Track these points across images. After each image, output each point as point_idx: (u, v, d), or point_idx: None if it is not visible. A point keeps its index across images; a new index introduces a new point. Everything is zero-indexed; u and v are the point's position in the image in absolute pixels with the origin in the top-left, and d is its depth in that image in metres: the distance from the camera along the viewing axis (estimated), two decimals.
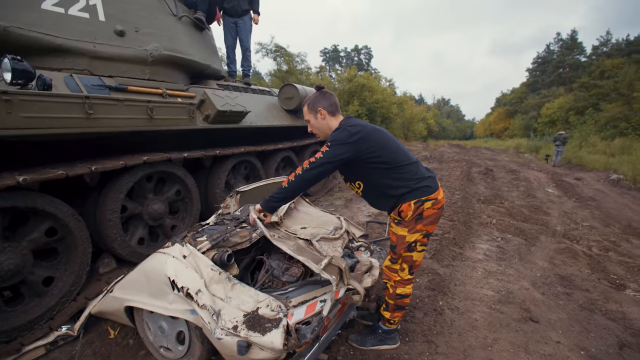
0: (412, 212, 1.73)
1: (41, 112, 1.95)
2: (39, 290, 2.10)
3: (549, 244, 3.92)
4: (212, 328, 1.56)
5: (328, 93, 1.90)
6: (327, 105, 1.85)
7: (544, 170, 10.97)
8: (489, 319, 2.30)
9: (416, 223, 1.75)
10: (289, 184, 1.73)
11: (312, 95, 1.91)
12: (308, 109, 1.90)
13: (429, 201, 1.73)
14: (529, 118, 32.84)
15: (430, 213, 1.75)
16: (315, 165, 1.68)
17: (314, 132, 1.95)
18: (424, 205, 1.73)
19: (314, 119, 1.88)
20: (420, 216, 1.74)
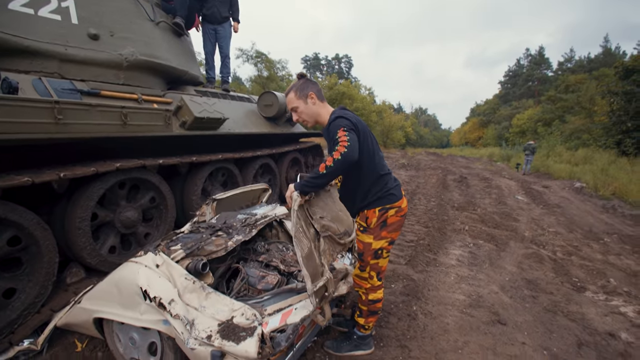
0: (376, 219, 1.80)
1: (6, 116, 1.88)
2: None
3: (518, 249, 4.10)
4: (185, 338, 1.54)
5: (313, 80, 1.89)
6: (317, 90, 1.85)
7: (514, 178, 11.48)
8: (460, 322, 2.38)
9: (381, 230, 1.81)
10: (327, 169, 1.60)
11: (297, 83, 1.87)
12: (296, 95, 1.84)
13: (392, 209, 1.80)
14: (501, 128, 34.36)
15: (393, 220, 1.82)
16: (350, 144, 1.59)
17: (302, 118, 1.89)
18: (388, 213, 1.79)
19: (304, 104, 1.84)
20: (385, 223, 1.80)
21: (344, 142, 1.60)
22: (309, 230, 1.75)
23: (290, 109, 1.91)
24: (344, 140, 1.61)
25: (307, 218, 1.76)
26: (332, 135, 1.70)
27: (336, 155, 1.59)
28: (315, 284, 1.62)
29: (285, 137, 5.22)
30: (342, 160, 1.58)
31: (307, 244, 1.67)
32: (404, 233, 4.43)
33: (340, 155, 1.59)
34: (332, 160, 1.59)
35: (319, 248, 1.77)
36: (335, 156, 1.59)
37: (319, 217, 1.82)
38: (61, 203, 2.43)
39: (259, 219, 2.49)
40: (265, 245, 2.41)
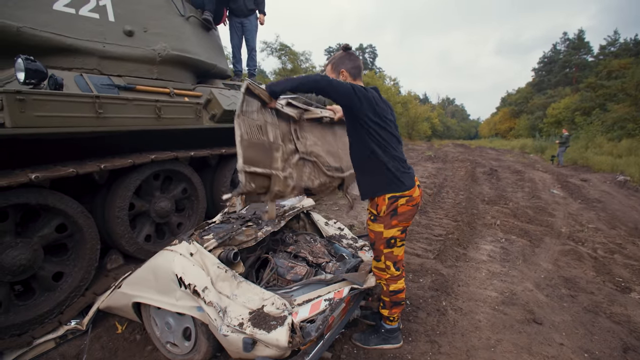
0: (386, 207, 1.78)
1: (53, 111, 1.99)
2: (49, 285, 2.14)
3: (554, 245, 3.91)
4: (218, 325, 1.59)
5: (354, 55, 1.88)
6: (351, 67, 1.85)
7: (549, 171, 10.91)
8: (492, 320, 2.31)
9: (391, 219, 1.80)
10: (295, 77, 1.67)
11: (338, 55, 1.89)
12: (332, 68, 1.88)
13: (403, 197, 1.77)
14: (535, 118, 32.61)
15: (404, 210, 1.79)
16: (323, 78, 1.64)
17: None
18: (398, 202, 1.77)
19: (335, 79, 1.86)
20: (395, 212, 1.79)
21: (321, 76, 1.63)
22: (286, 145, 1.90)
23: None
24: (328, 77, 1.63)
25: (289, 134, 1.94)
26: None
27: (313, 75, 1.65)
28: (249, 166, 1.66)
29: None
30: (309, 76, 1.63)
31: (266, 140, 1.76)
32: (432, 227, 4.34)
33: (315, 77, 1.62)
34: (307, 75, 1.65)
35: (289, 156, 1.89)
36: (312, 75, 1.65)
37: (307, 142, 1.98)
38: (101, 193, 2.56)
39: (287, 210, 2.52)
40: (293, 236, 2.44)
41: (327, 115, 2.29)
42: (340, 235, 2.69)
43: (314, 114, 2.22)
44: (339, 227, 2.83)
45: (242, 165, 1.63)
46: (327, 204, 5.32)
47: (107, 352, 2.02)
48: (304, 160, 2.02)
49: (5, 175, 1.84)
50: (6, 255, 1.90)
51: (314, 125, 2.24)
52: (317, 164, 2.05)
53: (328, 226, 2.79)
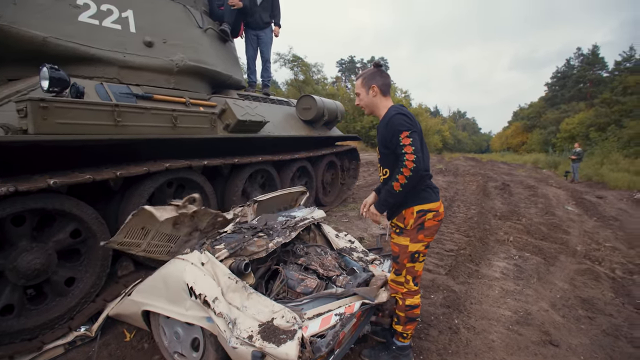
0: (413, 221, 1.79)
1: (73, 118, 2.05)
2: (61, 290, 2.16)
3: (569, 264, 3.79)
4: (227, 336, 1.57)
5: (385, 72, 1.92)
6: (381, 84, 1.87)
7: (563, 186, 10.68)
8: (506, 340, 2.24)
9: (417, 233, 1.81)
10: (402, 187, 1.68)
11: (369, 71, 1.92)
12: (362, 83, 1.91)
13: (430, 212, 1.80)
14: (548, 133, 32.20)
15: (431, 224, 1.81)
16: (416, 154, 1.65)
17: (361, 105, 1.97)
18: (426, 216, 1.79)
19: (365, 94, 1.90)
20: (422, 226, 1.80)
21: (410, 156, 1.65)
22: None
23: (355, 93, 1.98)
24: (410, 152, 1.66)
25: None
26: (392, 134, 1.73)
27: (406, 172, 1.66)
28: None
29: (322, 141, 5.24)
30: (413, 175, 1.65)
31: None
32: (443, 241, 4.27)
33: (410, 171, 1.65)
34: (404, 177, 1.66)
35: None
36: (405, 173, 1.66)
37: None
38: (115, 199, 2.59)
39: (298, 221, 2.51)
40: (304, 248, 2.42)
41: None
42: (351, 248, 2.66)
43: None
44: (350, 240, 2.80)
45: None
46: (336, 216, 5.29)
47: (114, 359, 2.01)
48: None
49: (25, 180, 1.88)
50: (21, 259, 1.93)
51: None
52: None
53: (339, 238, 2.76)
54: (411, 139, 1.67)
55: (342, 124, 21.33)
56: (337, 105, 5.30)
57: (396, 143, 1.71)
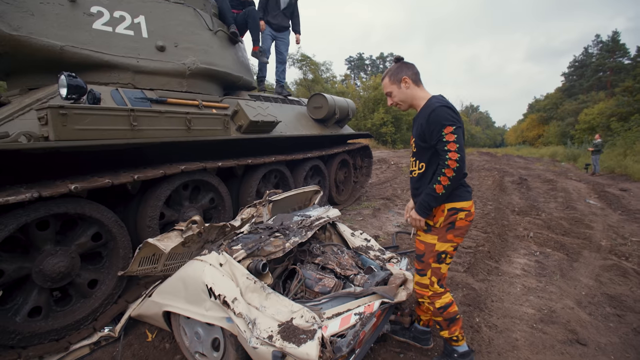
0: (443, 219, 1.72)
1: (91, 124, 2.09)
2: (84, 291, 2.21)
3: (594, 260, 3.66)
4: (247, 337, 1.57)
5: (409, 63, 1.85)
6: (411, 74, 1.80)
7: (583, 179, 10.35)
8: (530, 339, 2.17)
9: (447, 232, 1.73)
10: (445, 189, 1.61)
11: (393, 67, 1.85)
12: (390, 80, 1.83)
13: (463, 211, 1.71)
14: (565, 125, 31.26)
15: (462, 224, 1.72)
16: (459, 153, 1.58)
17: (396, 102, 1.88)
18: (458, 215, 1.70)
19: (397, 89, 1.82)
20: (452, 225, 1.72)
21: (454, 154, 1.57)
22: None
23: (385, 93, 1.90)
24: (454, 149, 1.57)
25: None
26: (433, 128, 1.63)
27: (449, 172, 1.59)
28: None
29: (334, 139, 5.22)
30: (457, 175, 1.59)
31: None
32: None
33: (454, 171, 1.58)
34: (447, 178, 1.59)
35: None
36: (448, 174, 1.59)
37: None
38: (133, 203, 2.64)
39: (314, 220, 2.50)
40: (320, 247, 2.41)
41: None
42: (367, 246, 2.64)
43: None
44: (365, 238, 2.77)
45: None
46: (350, 214, 5.27)
47: (137, 359, 2.05)
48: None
49: (47, 185, 1.93)
50: (47, 262, 1.98)
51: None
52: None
53: (354, 237, 2.74)
54: (456, 135, 1.58)
55: (352, 122, 21.24)
56: (348, 102, 5.27)
57: (438, 138, 1.61)
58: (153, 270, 2.11)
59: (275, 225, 2.34)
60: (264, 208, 2.65)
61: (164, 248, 1.96)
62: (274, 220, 2.47)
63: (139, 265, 2.03)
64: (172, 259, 2.18)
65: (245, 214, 2.70)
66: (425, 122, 1.67)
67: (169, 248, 1.98)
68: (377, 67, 51.07)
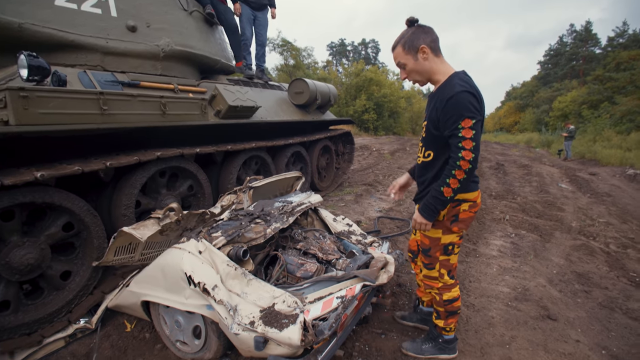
0: (447, 211, 1.59)
1: (57, 108, 1.96)
2: (57, 284, 2.13)
3: (565, 240, 3.84)
4: (228, 323, 1.56)
5: (427, 27, 1.55)
6: (430, 41, 1.50)
7: (556, 165, 10.77)
8: (505, 316, 2.27)
9: (451, 225, 1.62)
10: (454, 191, 1.45)
11: (406, 33, 1.54)
12: (404, 50, 1.53)
13: (466, 202, 1.58)
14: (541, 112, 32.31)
15: (466, 216, 1.61)
16: (474, 152, 1.39)
17: (412, 78, 1.60)
18: (461, 207, 1.58)
19: (413, 61, 1.53)
20: (456, 218, 1.61)
21: (469, 154, 1.38)
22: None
23: (397, 65, 1.60)
24: (469, 147, 1.37)
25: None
26: (450, 116, 1.41)
27: (459, 174, 1.40)
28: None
29: (316, 125, 5.17)
30: (468, 177, 1.42)
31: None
32: None
33: (465, 173, 1.40)
34: (457, 181, 1.42)
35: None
36: (459, 176, 1.40)
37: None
38: (107, 191, 2.53)
39: (295, 206, 2.48)
40: (302, 233, 2.40)
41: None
42: (349, 231, 2.65)
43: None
44: (348, 223, 2.78)
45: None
46: (333, 200, 5.28)
47: (116, 350, 2.00)
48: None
49: (11, 174, 1.81)
50: (14, 254, 1.88)
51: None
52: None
53: (336, 222, 2.74)
54: (474, 131, 1.36)
55: (334, 109, 21.13)
56: (330, 88, 5.21)
57: (452, 129, 1.40)
58: (130, 259, 2.05)
59: (256, 211, 2.30)
60: (245, 195, 2.61)
61: (139, 237, 1.90)
62: (254, 206, 2.43)
63: (114, 255, 1.97)
64: (150, 247, 2.12)
65: (226, 201, 2.65)
66: (441, 107, 1.45)
67: (145, 237, 1.92)
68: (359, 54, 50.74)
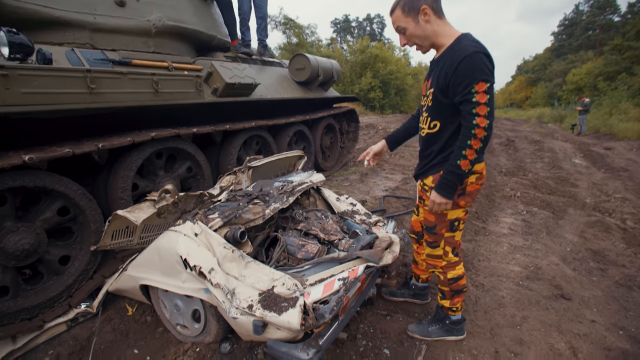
0: None
1: (41, 87, 1.86)
2: (56, 269, 2.10)
3: (579, 217, 3.70)
4: (226, 307, 1.51)
5: None
6: (432, 1, 1.39)
7: (569, 140, 10.43)
8: (516, 296, 2.18)
9: (458, 199, 1.54)
10: (472, 163, 1.35)
11: None
12: (403, 13, 1.41)
13: (474, 174, 1.51)
14: (553, 86, 31.17)
15: (473, 189, 1.54)
16: (489, 119, 1.29)
17: (413, 43, 1.48)
18: (468, 179, 1.51)
19: (414, 24, 1.41)
20: (463, 191, 1.53)
21: (484, 121, 1.26)
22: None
23: (396, 30, 1.49)
24: (484, 114, 1.26)
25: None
26: (462, 80, 1.29)
27: (476, 144, 1.29)
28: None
29: (319, 103, 4.99)
30: (483, 146, 1.32)
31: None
32: None
33: (481, 141, 1.30)
34: (474, 151, 1.31)
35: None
36: (475, 145, 1.30)
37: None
38: (103, 174, 2.47)
39: (295, 186, 2.39)
40: (303, 213, 2.32)
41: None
42: (353, 210, 2.56)
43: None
44: (351, 203, 2.69)
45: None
46: (337, 180, 5.18)
47: (118, 334, 1.99)
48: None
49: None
50: (8, 240, 1.84)
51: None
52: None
53: (340, 202, 2.65)
54: (488, 96, 1.27)
55: (339, 87, 20.68)
56: (333, 63, 5.00)
57: (465, 94, 1.29)
58: (129, 243, 2.00)
59: (254, 192, 2.22)
60: (244, 175, 2.52)
61: (134, 220, 1.83)
62: (253, 186, 2.34)
63: (112, 239, 1.93)
64: (148, 231, 2.07)
65: (225, 182, 2.57)
66: (452, 70, 1.32)
67: (140, 220, 1.86)
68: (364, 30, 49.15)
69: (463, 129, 1.35)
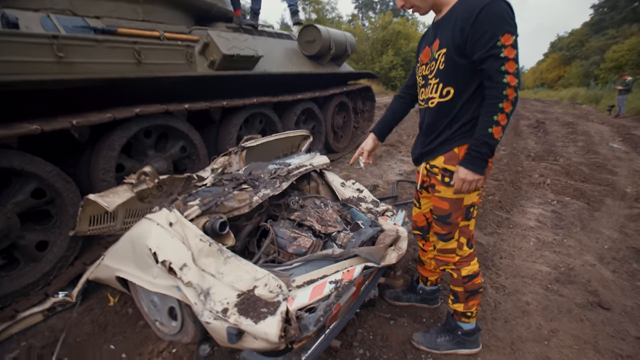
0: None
1: (2, 54, 1.65)
2: (33, 255, 1.96)
3: (618, 209, 3.28)
4: (199, 310, 1.30)
5: None
6: None
7: (606, 122, 9.59)
8: (544, 302, 1.87)
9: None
10: (504, 128, 1.19)
11: None
12: None
13: None
14: (590, 64, 28.96)
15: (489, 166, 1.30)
16: (518, 78, 1.14)
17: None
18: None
19: None
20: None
21: (513, 79, 1.11)
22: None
23: None
24: (513, 71, 1.10)
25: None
26: (484, 32, 1.11)
27: (507, 107, 1.13)
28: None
29: (331, 78, 4.62)
30: (514, 108, 1.17)
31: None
32: None
33: (512, 104, 1.14)
34: (506, 115, 1.15)
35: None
36: (507, 108, 1.14)
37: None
38: (85, 154, 2.28)
39: (292, 169, 2.12)
40: (299, 200, 2.06)
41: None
42: (359, 197, 2.28)
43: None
44: (358, 189, 2.41)
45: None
46: (349, 161, 4.88)
47: (96, 326, 1.84)
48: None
49: None
50: None
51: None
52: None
53: (345, 187, 2.37)
54: (516, 50, 1.11)
55: (359, 66, 19.90)
56: (347, 36, 4.60)
57: (489, 48, 1.10)
58: (111, 228, 1.83)
59: (243, 175, 1.97)
60: (236, 156, 2.27)
61: (106, 205, 1.64)
62: (244, 170, 2.10)
63: (90, 224, 1.76)
64: (134, 215, 1.88)
65: (218, 164, 2.34)
66: (470, 23, 1.13)
67: (113, 205, 1.67)
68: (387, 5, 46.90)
69: (491, 91, 1.15)
